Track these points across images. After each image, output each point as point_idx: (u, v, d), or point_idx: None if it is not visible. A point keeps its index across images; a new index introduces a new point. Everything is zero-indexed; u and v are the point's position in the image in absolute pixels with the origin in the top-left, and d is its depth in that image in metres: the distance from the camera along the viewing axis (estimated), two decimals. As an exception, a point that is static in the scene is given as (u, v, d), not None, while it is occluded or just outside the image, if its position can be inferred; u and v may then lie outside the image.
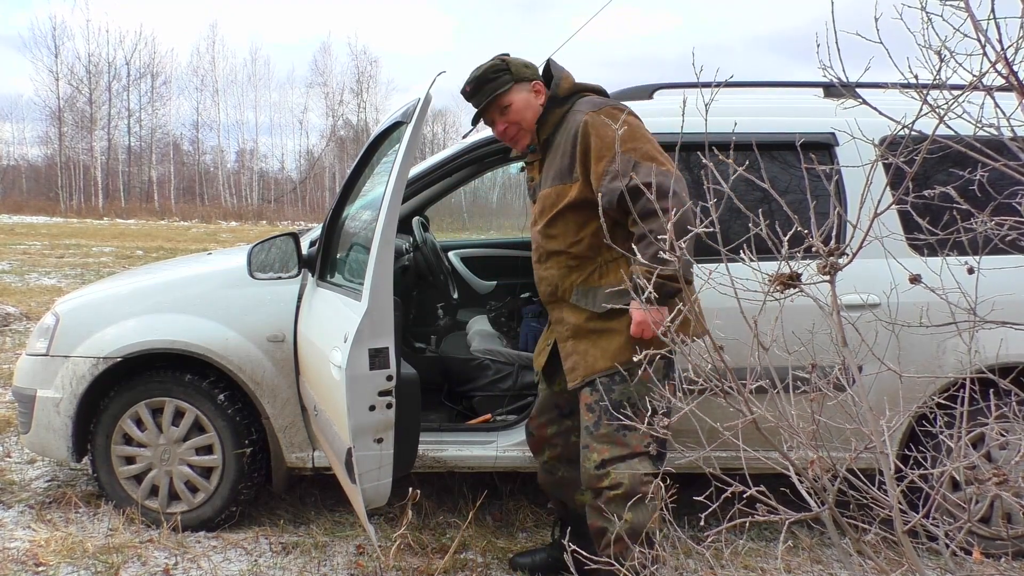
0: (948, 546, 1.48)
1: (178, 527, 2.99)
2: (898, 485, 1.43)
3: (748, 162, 1.57)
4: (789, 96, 3.22)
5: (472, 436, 3.07)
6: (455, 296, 4.03)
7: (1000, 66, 1.26)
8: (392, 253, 2.31)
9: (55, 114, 41.48)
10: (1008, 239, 1.59)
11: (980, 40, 1.26)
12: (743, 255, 1.44)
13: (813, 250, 1.40)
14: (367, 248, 2.32)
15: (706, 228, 1.45)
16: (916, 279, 1.55)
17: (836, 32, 1.36)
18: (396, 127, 2.63)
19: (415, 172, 3.03)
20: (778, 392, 1.55)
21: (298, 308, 2.95)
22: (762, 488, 1.52)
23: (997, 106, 1.38)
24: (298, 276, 2.97)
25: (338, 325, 2.37)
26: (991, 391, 1.89)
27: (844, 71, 1.40)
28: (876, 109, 1.55)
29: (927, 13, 1.31)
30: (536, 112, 2.37)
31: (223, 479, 3.00)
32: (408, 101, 2.54)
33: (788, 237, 1.40)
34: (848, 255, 1.42)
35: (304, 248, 2.96)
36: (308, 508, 3.28)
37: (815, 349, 1.79)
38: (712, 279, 1.50)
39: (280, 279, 2.97)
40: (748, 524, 1.58)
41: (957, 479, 1.99)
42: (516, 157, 3.14)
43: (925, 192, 1.64)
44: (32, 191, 41.91)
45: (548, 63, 2.44)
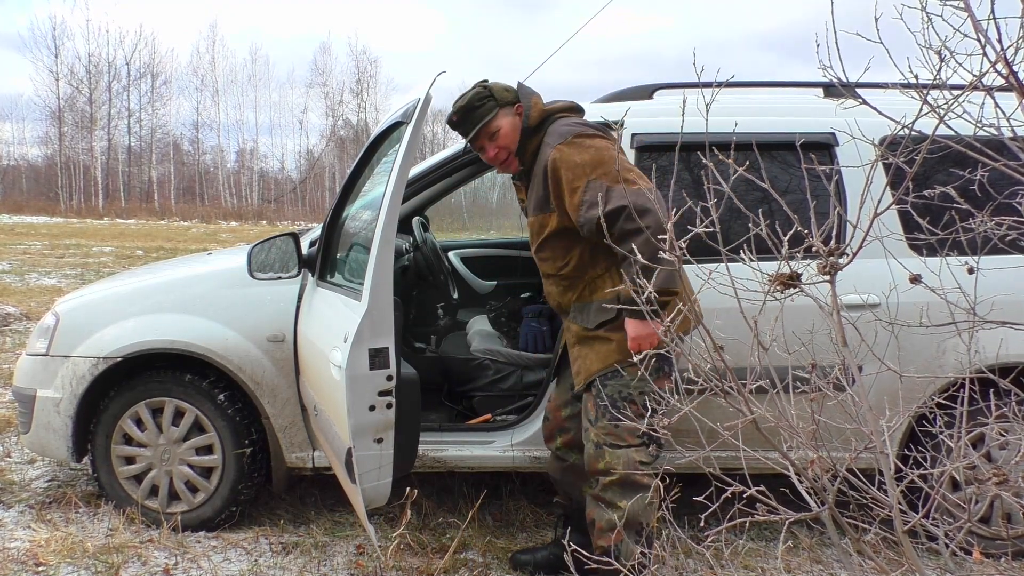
0: (948, 546, 1.48)
1: (178, 527, 2.99)
2: (898, 485, 1.43)
3: (748, 162, 1.57)
4: (789, 96, 3.22)
5: (472, 436, 3.07)
6: (455, 296, 4.03)
7: (1000, 66, 1.26)
8: (392, 253, 2.31)
9: (55, 114, 41.48)
10: (1008, 239, 1.59)
11: (980, 40, 1.26)
12: (743, 255, 1.44)
13: (813, 250, 1.40)
14: (367, 248, 2.32)
15: (706, 228, 1.45)
16: (916, 279, 1.55)
17: (836, 32, 1.36)
18: (396, 127, 2.63)
19: (415, 172, 3.03)
20: (778, 392, 1.55)
21: (298, 308, 2.94)
22: (762, 488, 1.52)
23: (997, 106, 1.38)
24: (298, 276, 2.97)
25: (338, 325, 2.37)
26: (991, 391, 1.89)
27: (844, 71, 1.40)
28: (876, 109, 1.55)
29: (927, 13, 1.31)
30: (520, 134, 2.43)
31: (223, 479, 3.00)
32: (408, 101, 2.54)
33: (788, 237, 1.40)
34: (848, 255, 1.42)
35: (304, 248, 2.96)
36: (308, 508, 3.28)
37: (815, 349, 1.79)
38: (712, 279, 1.50)
39: (280, 279, 2.97)
40: (748, 524, 1.58)
41: (957, 479, 2.00)
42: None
43: (925, 192, 1.64)
44: (32, 191, 41.90)
45: (517, 87, 2.48)
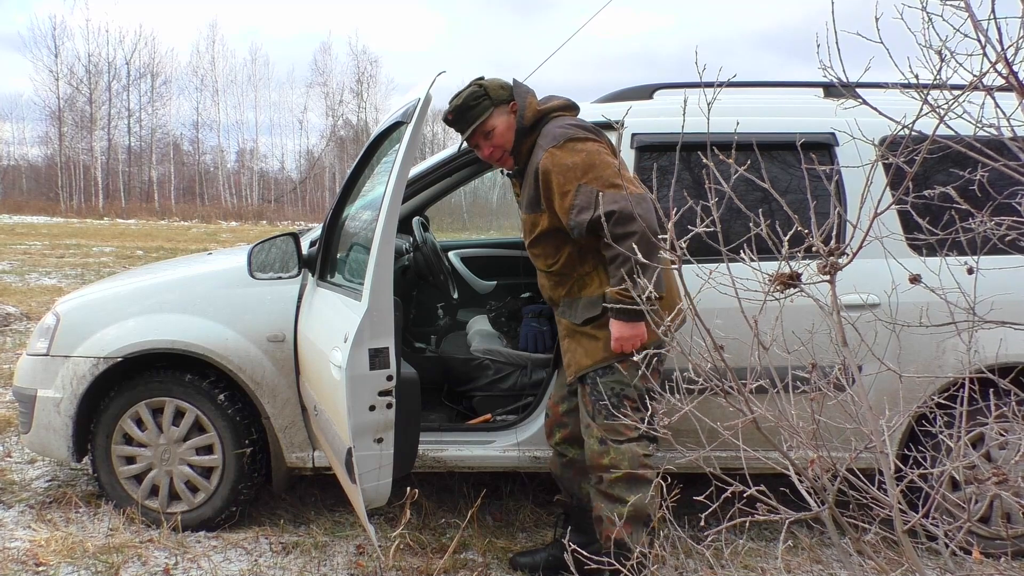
0: (948, 546, 1.48)
1: (178, 527, 2.99)
2: (898, 485, 1.43)
3: (749, 162, 1.57)
4: (789, 96, 3.22)
5: (472, 436, 3.07)
6: (455, 296, 4.03)
7: (1000, 66, 1.26)
8: (392, 253, 2.31)
9: (55, 114, 41.48)
10: (1007, 239, 1.59)
11: (980, 40, 1.26)
12: (743, 255, 1.44)
13: (813, 250, 1.40)
14: (367, 248, 2.32)
15: (706, 228, 1.45)
16: (916, 279, 1.55)
17: (836, 32, 1.36)
18: (396, 127, 2.63)
19: (415, 172, 3.03)
20: (778, 392, 1.55)
21: (298, 308, 2.94)
22: (762, 488, 1.52)
23: (997, 106, 1.38)
24: (298, 276, 2.97)
25: (338, 325, 2.37)
26: (991, 391, 1.89)
27: (844, 71, 1.40)
28: (876, 109, 1.55)
29: (927, 13, 1.31)
30: (515, 133, 2.44)
31: (223, 479, 3.00)
32: (408, 101, 2.54)
33: (788, 237, 1.40)
34: (848, 255, 1.42)
35: (304, 248, 2.96)
36: (308, 508, 3.29)
37: (815, 349, 1.79)
38: (712, 279, 1.50)
39: (280, 279, 2.97)
40: (748, 524, 1.58)
41: (957, 479, 1.99)
42: None
43: (925, 192, 1.64)
44: (32, 191, 41.92)
45: (513, 85, 2.49)
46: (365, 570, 2.75)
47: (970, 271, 1.61)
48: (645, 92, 3.10)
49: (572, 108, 2.51)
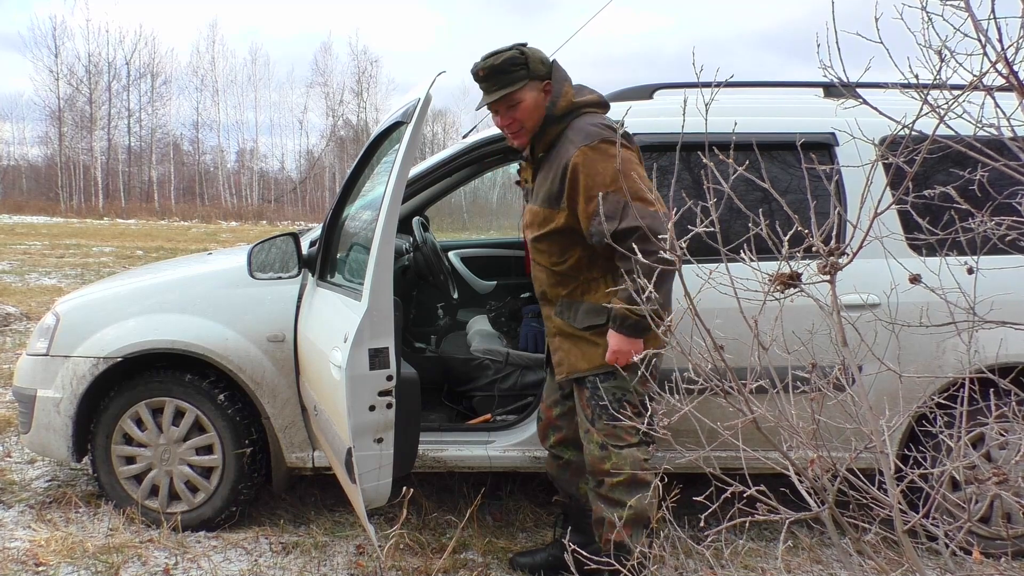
0: (948, 546, 1.48)
1: (178, 527, 2.99)
2: (898, 485, 1.43)
3: (748, 162, 1.57)
4: (789, 96, 3.22)
5: (472, 436, 3.07)
6: (455, 296, 4.03)
7: (1000, 66, 1.26)
8: (392, 253, 2.31)
9: (55, 114, 41.49)
10: (1007, 239, 1.59)
11: (980, 40, 1.26)
12: (743, 255, 1.44)
13: (813, 250, 1.40)
14: (367, 248, 2.32)
15: (706, 228, 1.45)
16: (916, 279, 1.55)
17: (836, 32, 1.36)
18: (396, 127, 2.63)
19: (415, 172, 3.03)
20: (778, 392, 1.55)
21: (298, 308, 2.94)
22: (762, 488, 1.52)
23: (997, 106, 1.38)
24: (298, 276, 2.97)
25: (338, 325, 2.37)
26: (991, 391, 1.89)
27: (844, 71, 1.40)
28: (876, 109, 1.55)
29: (927, 13, 1.31)
30: (542, 115, 2.34)
31: (223, 479, 3.00)
32: (408, 101, 2.54)
33: (788, 237, 1.40)
34: (848, 255, 1.42)
35: (304, 248, 2.96)
36: (308, 508, 3.28)
37: (815, 349, 1.79)
38: (712, 279, 1.50)
39: (280, 279, 2.97)
40: (748, 524, 1.58)
41: (957, 479, 1.99)
42: (515, 156, 3.14)
43: (925, 192, 1.64)
44: (32, 191, 41.92)
45: (553, 66, 2.38)
46: (365, 570, 2.75)
47: (970, 271, 1.61)
48: (645, 92, 3.10)
49: (605, 106, 2.42)
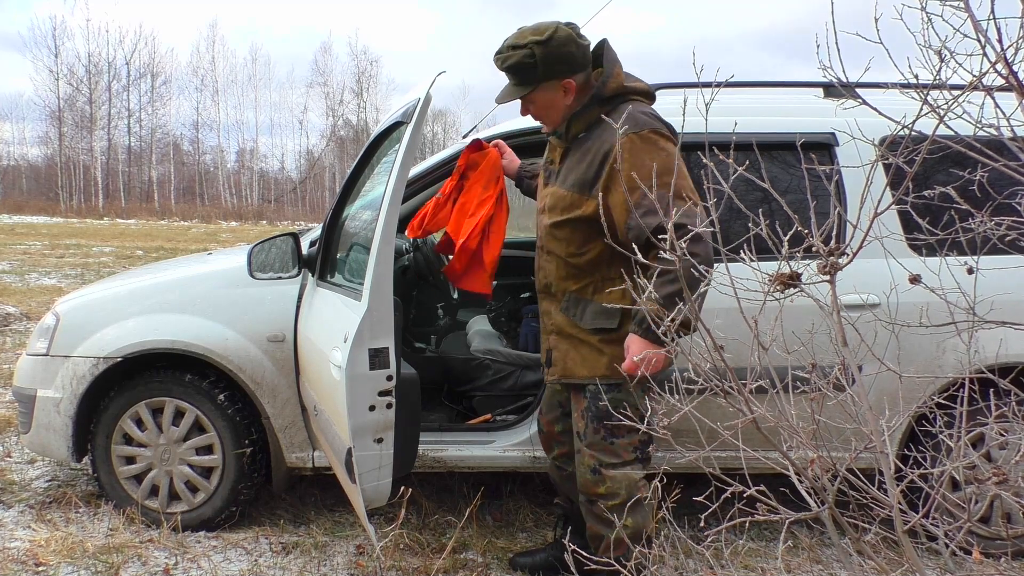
0: (948, 546, 1.48)
1: (178, 527, 2.99)
2: (898, 485, 1.43)
3: (748, 162, 1.57)
4: (789, 96, 3.22)
5: (472, 436, 3.07)
6: (455, 296, 4.03)
7: (1000, 66, 1.26)
8: (392, 253, 2.31)
9: (55, 114, 41.52)
10: (1007, 239, 1.59)
11: (980, 40, 1.26)
12: (743, 255, 1.44)
13: (813, 250, 1.40)
14: (367, 248, 2.32)
15: (706, 228, 1.45)
16: (916, 279, 1.55)
17: (836, 32, 1.36)
18: (396, 127, 2.63)
19: (415, 172, 3.03)
20: (778, 392, 1.55)
21: (298, 308, 2.94)
22: (762, 488, 1.52)
23: (997, 106, 1.38)
24: (298, 276, 2.97)
25: (338, 325, 2.37)
26: (991, 391, 1.89)
27: (844, 71, 1.40)
28: (876, 109, 1.55)
29: (927, 13, 1.31)
30: (561, 112, 2.25)
31: (223, 479, 3.00)
32: (408, 101, 2.54)
33: (788, 237, 1.40)
34: (848, 255, 1.42)
35: (304, 248, 2.96)
36: (308, 508, 3.28)
37: (815, 349, 1.79)
38: (712, 279, 1.50)
39: (280, 279, 2.98)
40: (748, 524, 1.58)
41: (957, 479, 1.99)
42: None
43: (925, 192, 1.64)
44: (32, 191, 41.96)
45: (602, 46, 2.26)
46: (365, 570, 2.75)
47: (970, 271, 1.61)
48: (645, 92, 3.10)
49: (652, 97, 2.30)
